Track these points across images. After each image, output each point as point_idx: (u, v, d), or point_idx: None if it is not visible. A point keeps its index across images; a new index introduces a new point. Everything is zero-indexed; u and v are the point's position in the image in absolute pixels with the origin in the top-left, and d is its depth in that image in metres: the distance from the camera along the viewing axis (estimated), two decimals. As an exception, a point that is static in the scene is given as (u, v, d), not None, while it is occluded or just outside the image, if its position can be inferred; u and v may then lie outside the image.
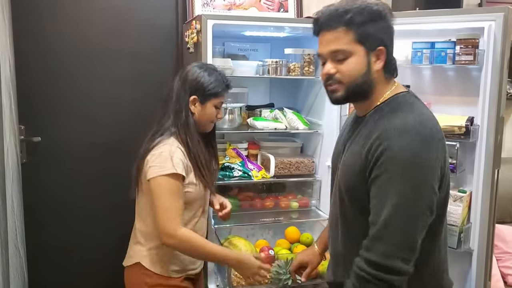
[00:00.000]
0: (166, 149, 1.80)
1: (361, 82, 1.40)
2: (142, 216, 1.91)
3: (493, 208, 2.07)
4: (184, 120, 1.87)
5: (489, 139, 2.01)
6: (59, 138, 2.75)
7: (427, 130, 1.32)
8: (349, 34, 1.36)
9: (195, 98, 1.89)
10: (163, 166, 1.76)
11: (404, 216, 1.27)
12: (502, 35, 1.95)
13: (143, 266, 1.87)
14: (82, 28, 2.73)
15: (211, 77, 1.90)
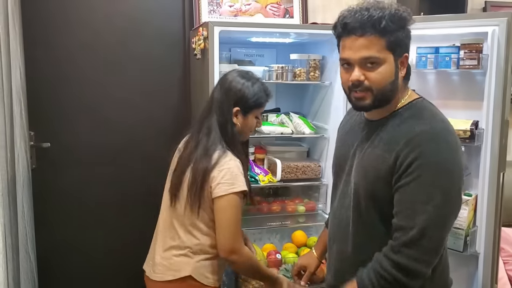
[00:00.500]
0: (233, 165, 1.78)
1: (389, 89, 1.39)
2: (190, 231, 1.84)
3: (498, 211, 2.08)
4: (231, 134, 1.85)
5: (494, 142, 2.03)
6: (68, 143, 2.79)
7: (453, 137, 1.36)
8: (382, 41, 1.34)
9: (238, 110, 1.86)
10: (233, 184, 1.74)
11: (437, 224, 1.30)
12: (505, 39, 1.97)
13: (193, 279, 1.83)
14: (91, 35, 2.77)
15: (254, 88, 1.87)
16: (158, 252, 1.90)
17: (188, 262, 1.83)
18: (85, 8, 2.76)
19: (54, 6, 2.71)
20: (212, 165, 1.76)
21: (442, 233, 1.33)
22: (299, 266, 1.97)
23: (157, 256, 1.90)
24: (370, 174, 1.41)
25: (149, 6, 2.85)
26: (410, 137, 1.34)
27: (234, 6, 2.82)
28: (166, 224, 1.91)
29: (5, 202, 1.96)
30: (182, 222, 1.85)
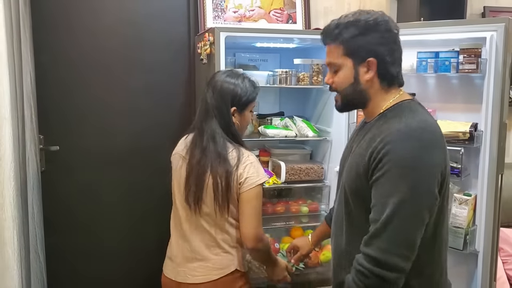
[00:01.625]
0: (254, 159, 1.90)
1: (351, 92, 1.49)
2: (224, 228, 1.91)
3: (497, 211, 2.14)
4: (235, 133, 1.93)
5: (492, 144, 2.09)
6: (76, 147, 2.85)
7: (428, 137, 1.37)
8: (339, 49, 1.46)
9: (234, 110, 1.93)
10: (258, 175, 1.87)
11: (402, 215, 1.32)
12: (503, 44, 2.03)
13: (239, 271, 1.93)
14: (98, 41, 2.83)
15: (245, 85, 1.95)
16: (196, 256, 1.93)
17: (232, 259, 1.92)
18: (92, 14, 2.82)
19: (62, 13, 2.77)
20: (235, 164, 1.85)
21: (409, 226, 1.33)
22: (293, 245, 2.13)
23: (194, 260, 1.93)
24: (353, 172, 1.47)
25: (155, 12, 2.91)
26: (384, 134, 1.39)
27: (238, 12, 2.89)
28: (193, 229, 1.93)
29: (18, 204, 2.02)
30: (214, 223, 1.90)
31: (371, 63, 1.45)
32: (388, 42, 1.45)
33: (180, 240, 1.97)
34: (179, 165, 1.96)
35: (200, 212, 1.89)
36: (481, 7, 3.29)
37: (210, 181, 1.85)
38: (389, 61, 1.46)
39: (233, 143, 1.90)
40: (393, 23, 1.48)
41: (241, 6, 2.90)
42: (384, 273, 1.32)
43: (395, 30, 1.47)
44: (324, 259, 2.59)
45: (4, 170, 1.88)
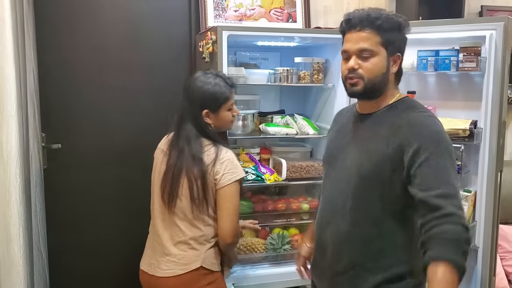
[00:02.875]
0: (231, 156, 1.94)
1: (379, 80, 1.57)
2: (195, 224, 1.94)
3: (497, 207, 2.18)
4: (212, 133, 1.97)
5: (492, 141, 2.13)
6: (77, 145, 2.86)
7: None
8: (377, 37, 1.54)
9: (206, 112, 1.96)
10: (235, 172, 1.90)
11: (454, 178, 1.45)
12: (502, 43, 2.07)
13: (204, 268, 1.94)
14: (99, 40, 2.84)
15: (214, 87, 1.95)
16: (164, 250, 1.97)
17: (198, 255, 1.94)
18: (94, 14, 2.82)
19: (64, 12, 2.78)
20: (212, 160, 1.89)
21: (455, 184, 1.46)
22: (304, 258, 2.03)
23: (162, 254, 1.97)
24: (374, 157, 1.54)
25: (157, 11, 2.92)
26: (411, 123, 1.51)
27: (239, 11, 2.91)
28: (166, 224, 1.99)
29: (23, 201, 2.04)
30: (186, 220, 1.95)
31: (397, 58, 1.59)
32: (406, 44, 1.62)
33: (153, 233, 2.04)
34: (160, 160, 2.03)
35: (174, 210, 1.95)
36: (479, 6, 3.32)
37: (185, 182, 1.91)
38: (402, 60, 1.61)
39: (211, 141, 1.95)
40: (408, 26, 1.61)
41: (242, 5, 2.92)
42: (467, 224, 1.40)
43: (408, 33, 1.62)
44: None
45: (11, 167, 1.90)
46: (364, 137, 1.61)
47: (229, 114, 2.02)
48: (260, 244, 2.61)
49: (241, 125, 2.64)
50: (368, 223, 1.56)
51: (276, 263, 2.61)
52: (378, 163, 1.52)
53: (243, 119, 2.64)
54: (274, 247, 2.59)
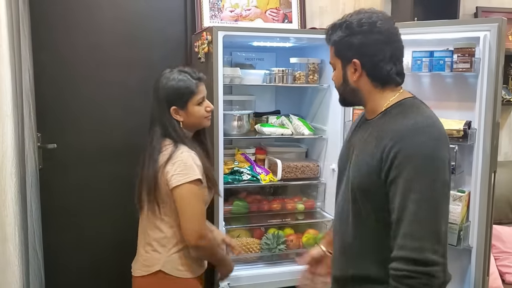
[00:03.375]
0: (186, 157, 1.87)
1: (342, 90, 1.57)
2: (156, 225, 1.94)
3: (490, 208, 2.18)
4: (177, 132, 1.93)
5: (485, 142, 2.13)
6: (73, 144, 2.86)
7: (437, 131, 1.41)
8: (332, 49, 1.55)
9: (175, 109, 1.93)
10: (187, 173, 1.83)
11: (425, 211, 1.33)
12: (496, 44, 2.07)
13: (164, 273, 1.91)
14: (95, 39, 2.85)
15: (178, 82, 1.92)
16: (138, 251, 2.04)
17: (159, 258, 1.92)
18: (89, 13, 2.83)
19: (60, 11, 2.78)
20: (165, 161, 1.86)
21: (434, 219, 1.34)
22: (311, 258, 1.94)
23: (137, 255, 2.04)
24: (364, 169, 1.47)
25: (152, 11, 2.93)
26: (394, 132, 1.41)
27: (235, 11, 2.92)
28: (141, 226, 2.05)
29: (18, 201, 2.03)
30: (150, 221, 1.97)
31: (356, 64, 1.48)
32: (376, 43, 1.47)
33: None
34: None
35: (143, 211, 1.99)
36: (474, 7, 3.34)
37: (143, 183, 1.94)
38: (378, 61, 1.48)
39: (173, 141, 1.91)
40: (387, 23, 1.48)
41: (238, 5, 2.92)
42: (428, 269, 1.32)
43: (389, 31, 1.48)
44: (306, 241, 2.69)
45: (6, 166, 1.90)
46: (358, 147, 1.55)
47: (200, 109, 1.97)
48: (255, 244, 2.62)
49: (237, 125, 2.65)
50: (367, 236, 1.50)
51: (271, 263, 2.63)
52: (366, 175, 1.46)
53: (239, 120, 2.65)
54: (269, 247, 2.61)
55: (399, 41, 1.51)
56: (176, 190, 1.84)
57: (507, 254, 3.04)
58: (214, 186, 2.03)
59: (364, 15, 1.48)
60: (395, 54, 1.50)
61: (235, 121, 2.63)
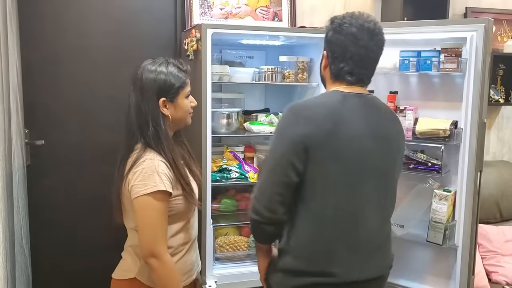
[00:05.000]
0: (148, 165, 1.66)
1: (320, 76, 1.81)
2: (131, 230, 1.82)
3: (476, 207, 2.20)
4: (154, 131, 1.73)
5: (472, 141, 2.15)
6: (61, 141, 2.84)
7: (299, 111, 1.60)
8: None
9: (164, 100, 1.74)
10: (146, 184, 1.64)
11: (262, 171, 1.64)
12: (483, 44, 2.09)
13: (139, 282, 1.77)
14: (84, 36, 2.83)
15: (169, 70, 1.77)
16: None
17: (134, 265, 1.79)
18: (78, 10, 2.81)
19: (49, 8, 2.76)
20: (129, 168, 1.70)
21: (266, 182, 1.60)
22: None
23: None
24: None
25: (142, 8, 2.91)
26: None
27: (225, 9, 2.91)
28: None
29: (4, 197, 2.02)
30: (127, 225, 1.84)
31: (324, 55, 1.73)
32: (342, 44, 1.64)
33: None
34: None
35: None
36: (463, 7, 3.35)
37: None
38: (337, 58, 1.66)
39: (144, 146, 1.73)
40: (356, 28, 1.62)
41: (228, 3, 2.92)
42: (253, 216, 1.62)
43: (354, 35, 1.62)
44: None
45: (-9, 163, 1.89)
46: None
47: (187, 103, 1.82)
48: (243, 242, 2.62)
49: (226, 123, 2.64)
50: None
51: (259, 261, 2.61)
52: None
53: (228, 117, 2.64)
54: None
55: (363, 47, 1.63)
56: (135, 202, 1.66)
57: (494, 254, 3.06)
58: (189, 195, 1.78)
59: (343, 16, 1.68)
60: (353, 57, 1.64)
61: (224, 119, 2.62)
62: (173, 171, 1.73)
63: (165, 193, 1.67)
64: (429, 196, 2.23)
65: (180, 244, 1.81)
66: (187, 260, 1.86)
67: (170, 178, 1.70)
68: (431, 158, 2.23)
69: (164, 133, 1.75)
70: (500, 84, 3.41)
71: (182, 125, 1.88)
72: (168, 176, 1.69)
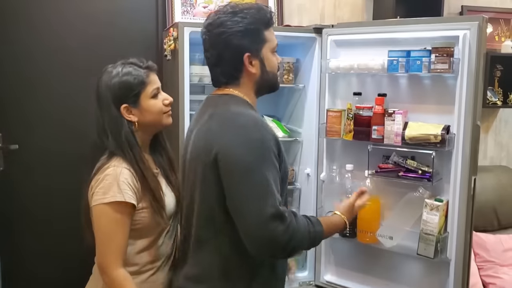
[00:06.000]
0: (110, 173, 1.54)
1: None
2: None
3: (470, 217, 2.05)
4: (114, 142, 1.59)
5: (465, 147, 2.01)
6: (37, 146, 2.72)
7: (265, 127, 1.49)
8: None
9: (126, 107, 1.59)
10: (105, 193, 1.51)
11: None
12: (476, 43, 1.95)
13: None
14: (60, 36, 2.70)
15: (124, 75, 1.60)
16: None
17: (96, 281, 1.64)
18: (54, 9, 2.68)
19: (23, 7, 2.64)
20: (93, 174, 1.59)
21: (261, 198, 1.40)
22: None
23: None
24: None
25: (121, 7, 2.79)
26: None
27: (208, 7, 2.78)
28: None
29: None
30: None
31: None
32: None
33: None
34: None
35: None
36: (459, 6, 3.23)
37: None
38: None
39: (110, 152, 1.60)
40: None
41: (211, 1, 2.79)
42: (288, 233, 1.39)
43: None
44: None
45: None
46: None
47: (156, 103, 1.63)
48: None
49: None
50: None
51: None
52: None
53: (209, 121, 2.51)
54: None
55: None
56: (93, 210, 1.55)
57: (492, 264, 2.92)
58: (157, 211, 1.60)
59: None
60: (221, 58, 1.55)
61: (205, 123, 2.49)
62: (140, 182, 1.57)
63: (125, 204, 1.52)
64: (419, 206, 2.09)
65: (147, 262, 1.64)
66: (157, 280, 1.67)
67: (134, 188, 1.55)
68: (421, 165, 2.09)
69: (130, 142, 1.59)
70: (497, 86, 3.27)
71: (159, 127, 1.70)
72: (131, 186, 1.54)
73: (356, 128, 2.21)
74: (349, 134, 2.24)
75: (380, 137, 2.15)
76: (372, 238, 2.22)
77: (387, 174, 2.17)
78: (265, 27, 1.57)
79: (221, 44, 1.50)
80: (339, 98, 2.39)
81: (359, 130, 2.21)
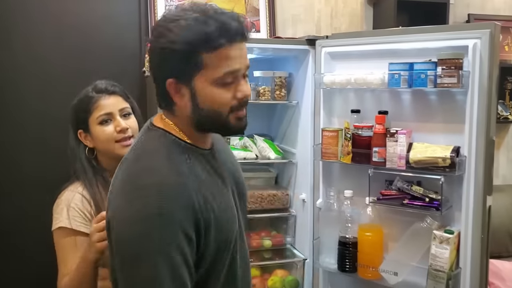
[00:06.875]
0: (63, 198, 1.56)
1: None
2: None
3: (485, 249, 1.82)
4: (79, 164, 1.59)
5: (478, 171, 1.78)
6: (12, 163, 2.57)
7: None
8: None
9: (80, 132, 1.60)
10: (57, 218, 1.53)
11: None
12: (488, 54, 1.73)
13: None
14: (38, 47, 2.55)
15: (77, 99, 1.62)
16: None
17: None
18: (32, 18, 2.53)
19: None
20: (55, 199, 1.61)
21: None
22: None
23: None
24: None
25: (102, 16, 2.64)
26: None
27: (193, 18, 2.58)
28: None
29: None
30: None
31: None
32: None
33: None
34: None
35: None
36: (466, 14, 3.04)
37: None
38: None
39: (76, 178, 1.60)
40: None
41: (196, 10, 2.59)
42: None
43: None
44: (272, 285, 2.34)
45: None
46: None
47: (104, 130, 1.56)
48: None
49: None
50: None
51: None
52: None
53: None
54: None
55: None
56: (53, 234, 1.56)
57: (507, 294, 2.67)
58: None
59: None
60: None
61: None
62: (96, 207, 1.54)
63: (73, 231, 1.51)
64: (427, 238, 1.85)
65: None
66: None
67: (87, 214, 1.53)
68: (428, 192, 1.85)
69: (85, 168, 1.59)
70: (508, 99, 3.06)
71: (113, 156, 1.55)
72: (82, 212, 1.53)
73: (355, 150, 1.99)
74: (347, 157, 2.01)
75: (382, 160, 1.92)
76: (374, 273, 1.99)
77: (390, 201, 1.95)
78: (207, 48, 1.08)
79: (151, 58, 1.18)
80: (336, 116, 2.18)
81: (358, 153, 1.98)
